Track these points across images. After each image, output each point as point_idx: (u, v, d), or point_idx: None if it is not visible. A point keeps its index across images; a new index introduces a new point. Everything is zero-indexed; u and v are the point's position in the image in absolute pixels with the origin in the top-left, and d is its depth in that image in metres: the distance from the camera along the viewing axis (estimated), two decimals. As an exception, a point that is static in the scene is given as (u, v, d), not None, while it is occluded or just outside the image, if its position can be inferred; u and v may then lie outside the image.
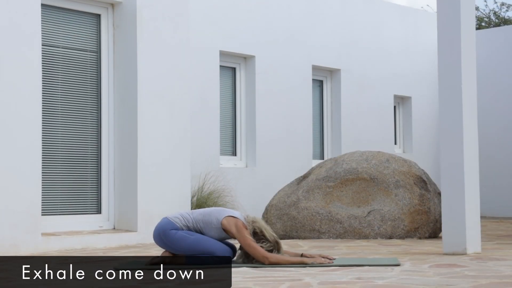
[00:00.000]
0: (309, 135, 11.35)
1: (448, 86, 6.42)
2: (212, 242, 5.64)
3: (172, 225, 5.67)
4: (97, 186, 8.05)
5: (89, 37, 8.11)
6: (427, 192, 8.39)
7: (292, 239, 8.48)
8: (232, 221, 5.66)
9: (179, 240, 5.63)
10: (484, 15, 20.19)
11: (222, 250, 5.63)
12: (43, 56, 7.58)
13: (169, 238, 5.64)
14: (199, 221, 5.71)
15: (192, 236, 5.64)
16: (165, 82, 8.27)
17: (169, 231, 5.65)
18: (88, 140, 8.01)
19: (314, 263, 5.52)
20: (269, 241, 5.58)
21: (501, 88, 13.40)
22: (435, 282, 4.54)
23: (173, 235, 5.64)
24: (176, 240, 5.63)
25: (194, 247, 5.62)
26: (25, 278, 5.09)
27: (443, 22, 6.50)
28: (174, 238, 5.64)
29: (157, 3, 8.26)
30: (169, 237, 5.64)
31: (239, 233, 5.60)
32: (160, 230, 5.68)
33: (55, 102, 7.75)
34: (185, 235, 5.64)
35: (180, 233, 5.64)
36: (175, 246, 5.66)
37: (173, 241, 5.64)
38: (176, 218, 5.72)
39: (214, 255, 5.60)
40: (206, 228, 5.69)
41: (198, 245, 5.62)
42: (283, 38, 11.06)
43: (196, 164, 9.28)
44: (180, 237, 5.64)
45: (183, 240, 5.63)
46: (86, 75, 8.04)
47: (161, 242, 5.70)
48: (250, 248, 5.55)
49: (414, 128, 13.38)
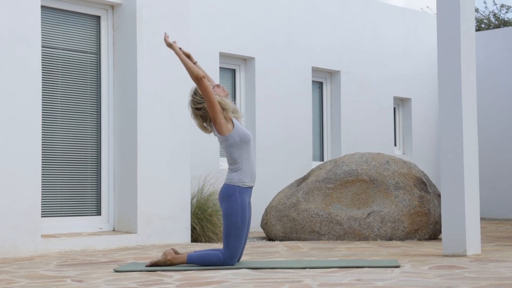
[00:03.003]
0: (309, 136, 11.35)
1: (448, 87, 6.42)
2: (239, 241, 5.55)
3: (232, 188, 5.57)
4: (97, 188, 8.05)
5: (89, 38, 8.11)
6: (427, 194, 8.39)
7: (292, 240, 8.49)
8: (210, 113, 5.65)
9: (232, 212, 5.54)
10: (484, 17, 20.20)
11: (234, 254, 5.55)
12: (43, 58, 7.58)
13: (229, 204, 5.56)
14: (230, 155, 5.64)
15: (241, 223, 5.54)
16: (165, 84, 8.27)
17: (234, 197, 5.55)
18: (88, 141, 8.01)
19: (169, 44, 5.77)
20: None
21: (501, 90, 13.41)
22: (435, 283, 4.54)
23: (233, 203, 5.54)
24: (231, 208, 5.55)
25: (228, 228, 5.53)
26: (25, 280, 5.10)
27: (443, 24, 6.51)
28: (231, 206, 5.55)
29: (157, 5, 8.26)
30: (230, 202, 5.56)
31: (207, 103, 5.62)
32: (223, 194, 5.59)
33: (55, 104, 7.75)
34: (239, 214, 5.54)
35: (237, 209, 5.53)
36: (226, 212, 5.57)
37: (228, 208, 5.55)
38: (230, 177, 5.63)
39: (223, 250, 5.53)
40: (230, 148, 5.62)
41: (232, 231, 5.53)
42: (283, 40, 11.06)
43: (196, 166, 9.28)
44: (234, 212, 5.54)
45: (232, 216, 5.54)
46: (86, 77, 8.04)
47: (222, 204, 5.62)
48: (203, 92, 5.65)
49: (414, 130, 13.39)
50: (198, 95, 5.74)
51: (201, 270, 5.41)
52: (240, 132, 5.64)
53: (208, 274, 5.18)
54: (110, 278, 5.08)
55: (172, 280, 4.91)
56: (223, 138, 5.62)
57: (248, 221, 5.66)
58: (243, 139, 5.63)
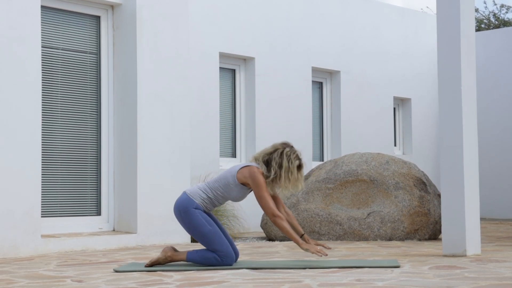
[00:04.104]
0: (309, 136, 11.35)
1: (448, 87, 6.42)
2: (222, 241, 5.54)
3: (191, 203, 5.52)
4: (97, 188, 8.05)
5: (89, 39, 8.11)
6: (427, 194, 8.39)
7: (291, 240, 8.47)
8: (245, 171, 5.50)
9: (197, 225, 5.48)
10: (484, 17, 20.20)
11: (227, 252, 5.56)
12: (43, 58, 7.58)
13: (190, 218, 5.49)
14: (217, 188, 5.57)
15: (210, 226, 5.51)
16: (165, 84, 8.27)
17: (191, 210, 5.50)
18: (88, 141, 8.01)
19: (309, 250, 5.47)
20: (278, 165, 5.46)
21: (501, 90, 13.41)
22: (435, 284, 4.54)
23: (194, 217, 5.49)
24: (194, 222, 5.48)
25: (206, 238, 5.49)
26: (25, 280, 5.09)
27: (442, 24, 6.51)
28: (193, 219, 5.49)
29: (156, 5, 8.26)
30: (190, 216, 5.49)
31: (253, 183, 5.45)
32: (181, 207, 5.53)
33: (55, 104, 7.75)
34: (204, 222, 5.50)
35: (200, 219, 5.49)
36: (191, 227, 5.52)
37: (191, 222, 5.49)
38: (195, 194, 5.56)
39: (216, 253, 5.54)
40: (227, 190, 5.55)
41: (210, 238, 5.50)
42: (283, 40, 11.06)
43: (196, 166, 9.28)
44: (200, 223, 5.48)
45: (200, 226, 5.48)
46: (86, 77, 8.04)
47: (180, 218, 5.55)
48: (261, 200, 5.43)
49: (414, 130, 13.39)
50: (270, 164, 5.55)
51: (201, 270, 5.41)
52: (241, 193, 5.59)
53: (208, 274, 5.18)
54: (110, 278, 5.08)
55: (172, 280, 4.90)
56: (238, 184, 5.57)
57: (214, 218, 5.68)
58: (232, 196, 5.59)
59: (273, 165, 5.53)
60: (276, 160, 5.55)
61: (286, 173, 5.52)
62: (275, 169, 5.52)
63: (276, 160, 5.55)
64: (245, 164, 5.60)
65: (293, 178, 5.52)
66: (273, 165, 5.53)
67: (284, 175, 5.52)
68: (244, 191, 5.59)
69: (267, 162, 5.55)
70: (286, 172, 5.52)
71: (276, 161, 5.54)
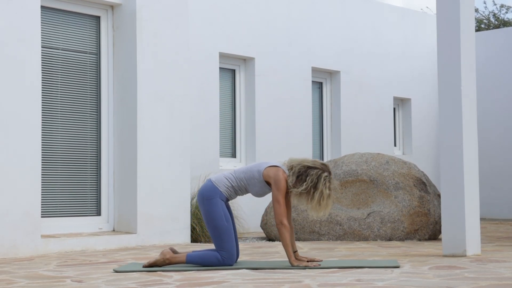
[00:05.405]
0: (309, 137, 11.35)
1: (448, 87, 6.42)
2: (231, 240, 5.55)
3: (216, 192, 5.55)
4: (97, 188, 8.05)
5: (89, 39, 8.11)
6: (427, 194, 8.39)
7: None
8: (272, 172, 5.52)
9: (216, 216, 5.51)
10: (484, 17, 20.20)
11: (231, 253, 5.55)
12: (43, 58, 7.58)
13: (211, 207, 5.52)
14: (242, 179, 5.60)
15: (227, 222, 5.53)
16: (164, 84, 8.27)
17: (215, 199, 5.53)
18: (87, 142, 8.01)
19: (299, 265, 5.50)
20: (313, 184, 5.44)
21: (501, 90, 13.41)
22: (434, 284, 4.54)
23: (215, 207, 5.52)
24: (214, 212, 5.51)
25: (218, 231, 5.51)
26: (25, 280, 5.09)
27: (442, 24, 6.51)
28: (214, 209, 5.51)
29: (156, 5, 8.26)
30: (213, 206, 5.52)
31: (274, 185, 5.48)
32: (205, 195, 5.57)
33: (55, 104, 7.75)
34: (223, 216, 5.52)
35: (220, 211, 5.52)
36: (208, 217, 5.54)
37: (211, 212, 5.51)
38: (220, 182, 5.59)
39: (220, 252, 5.53)
40: (250, 184, 5.58)
41: (222, 233, 5.51)
42: (283, 40, 11.07)
43: (195, 166, 9.28)
44: (219, 215, 5.52)
45: (218, 219, 5.51)
46: (86, 77, 8.04)
47: (202, 204, 5.58)
48: (276, 204, 5.46)
49: (414, 130, 13.39)
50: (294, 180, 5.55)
51: (201, 270, 5.41)
52: (262, 190, 5.61)
53: (208, 274, 5.18)
54: (110, 278, 5.08)
55: (172, 280, 4.91)
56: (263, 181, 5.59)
57: (232, 215, 5.71)
58: (254, 190, 5.63)
59: (308, 182, 5.51)
60: (313, 179, 5.53)
61: (319, 196, 5.52)
62: (308, 186, 5.51)
63: (313, 179, 5.53)
64: (274, 164, 5.62)
65: (324, 204, 5.52)
66: (308, 182, 5.51)
67: (317, 198, 5.51)
68: (265, 189, 5.62)
69: (301, 174, 5.55)
70: (319, 195, 5.52)
71: (312, 179, 5.53)
